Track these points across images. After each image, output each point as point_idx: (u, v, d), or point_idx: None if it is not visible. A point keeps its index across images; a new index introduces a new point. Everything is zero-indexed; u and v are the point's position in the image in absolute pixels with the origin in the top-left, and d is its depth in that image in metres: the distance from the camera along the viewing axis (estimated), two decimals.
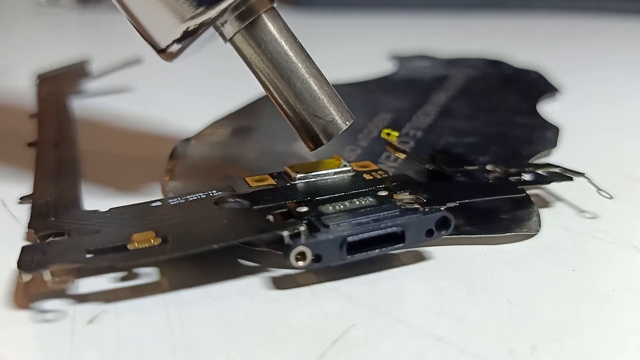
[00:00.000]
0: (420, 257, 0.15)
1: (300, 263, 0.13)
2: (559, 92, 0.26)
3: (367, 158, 0.18)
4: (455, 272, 0.14)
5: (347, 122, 0.16)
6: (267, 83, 0.16)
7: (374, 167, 0.17)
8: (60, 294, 0.13)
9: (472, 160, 0.18)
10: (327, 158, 0.17)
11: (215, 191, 0.15)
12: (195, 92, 0.27)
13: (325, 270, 0.14)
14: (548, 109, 0.24)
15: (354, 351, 0.12)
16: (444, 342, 0.12)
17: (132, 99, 0.26)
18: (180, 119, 0.23)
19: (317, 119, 0.15)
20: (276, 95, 0.16)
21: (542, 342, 0.12)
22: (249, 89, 0.24)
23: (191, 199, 0.15)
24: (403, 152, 0.18)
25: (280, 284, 0.14)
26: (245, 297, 0.13)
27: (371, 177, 0.16)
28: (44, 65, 0.28)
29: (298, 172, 0.16)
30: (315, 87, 0.16)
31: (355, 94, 0.26)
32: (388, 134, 0.19)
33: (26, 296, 0.13)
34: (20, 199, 0.17)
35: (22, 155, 0.20)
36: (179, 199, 0.15)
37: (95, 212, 0.15)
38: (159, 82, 0.28)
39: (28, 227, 0.15)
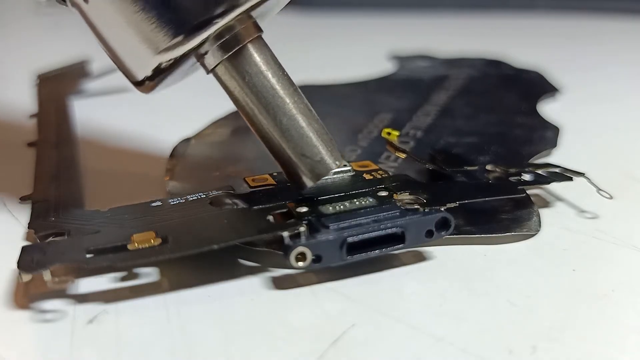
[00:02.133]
0: (420, 257, 0.15)
1: (301, 263, 0.13)
2: (559, 92, 0.26)
3: (367, 158, 0.18)
4: (455, 272, 0.14)
5: (338, 162, 0.15)
6: (252, 118, 0.15)
7: (374, 167, 0.17)
8: (60, 294, 0.13)
9: (472, 160, 0.18)
10: None
11: (215, 191, 0.15)
12: (195, 92, 0.27)
13: (325, 270, 0.14)
14: (548, 109, 0.24)
15: (354, 351, 0.12)
16: (444, 342, 0.12)
17: (132, 99, 0.26)
18: (180, 119, 0.23)
19: (305, 158, 0.14)
20: (261, 132, 0.15)
21: (542, 342, 0.12)
22: None
23: (191, 199, 0.15)
24: (403, 151, 0.18)
25: (280, 284, 0.14)
26: (245, 297, 0.13)
27: (371, 177, 0.16)
28: (44, 65, 0.28)
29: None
30: (304, 124, 0.14)
31: (355, 94, 0.26)
32: (389, 134, 0.19)
33: (26, 296, 0.13)
34: (20, 199, 0.17)
35: (22, 155, 0.20)
36: (179, 199, 0.15)
37: (95, 212, 0.15)
38: None
39: (28, 227, 0.15)
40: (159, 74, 0.14)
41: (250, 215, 0.14)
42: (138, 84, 0.15)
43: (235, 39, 0.14)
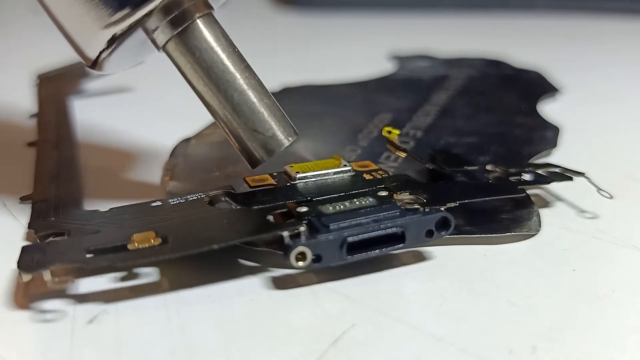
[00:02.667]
0: (420, 257, 0.15)
1: (301, 263, 0.13)
2: (559, 92, 0.26)
3: (367, 158, 0.18)
4: (455, 272, 0.14)
5: (290, 138, 0.15)
6: (203, 95, 0.15)
7: (374, 167, 0.17)
8: (60, 294, 0.13)
9: (472, 160, 0.18)
10: (327, 158, 0.17)
11: (215, 191, 0.15)
12: None
13: (325, 270, 0.14)
14: (548, 109, 0.24)
15: (354, 351, 0.12)
16: (444, 342, 0.12)
17: (132, 99, 0.26)
18: (180, 119, 0.23)
19: (257, 134, 0.14)
20: (213, 109, 0.15)
21: (542, 342, 0.12)
22: None
23: (191, 199, 0.15)
24: (404, 150, 0.18)
25: (280, 284, 0.14)
26: (245, 297, 0.13)
27: (371, 177, 0.16)
28: (44, 65, 0.28)
29: (298, 172, 0.16)
30: (255, 100, 0.14)
31: (355, 94, 0.26)
32: (389, 132, 0.19)
33: (26, 296, 0.13)
34: (20, 199, 0.17)
35: (22, 155, 0.20)
36: (179, 199, 0.15)
37: (95, 212, 0.15)
38: (159, 82, 0.28)
39: (28, 227, 0.15)
40: (111, 45, 0.14)
41: (250, 215, 0.14)
42: (92, 65, 0.15)
43: (184, 15, 0.14)
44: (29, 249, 0.13)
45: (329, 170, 0.16)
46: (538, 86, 0.26)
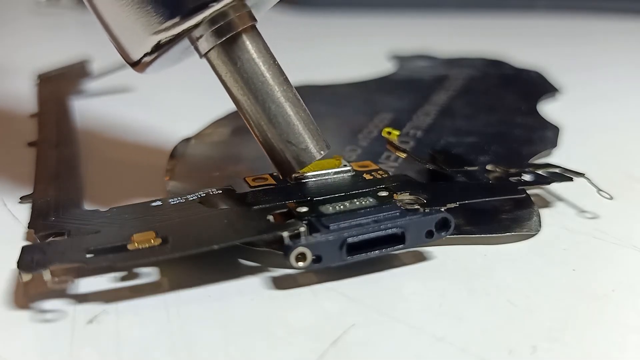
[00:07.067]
0: (420, 257, 0.15)
1: (301, 264, 0.13)
2: (559, 92, 0.26)
3: (368, 158, 0.18)
4: (455, 272, 0.14)
5: (322, 152, 0.15)
6: (241, 104, 0.15)
7: (374, 167, 0.17)
8: (60, 294, 0.13)
9: (472, 160, 0.18)
10: (327, 158, 0.17)
11: (215, 191, 0.15)
12: (196, 92, 0.27)
13: (325, 270, 0.14)
14: (548, 109, 0.24)
15: (354, 351, 0.12)
16: (444, 342, 0.12)
17: (132, 99, 0.26)
18: (180, 119, 0.23)
19: (290, 145, 0.15)
20: (249, 118, 0.15)
21: (542, 342, 0.12)
22: None
23: (191, 198, 0.15)
24: (404, 151, 0.18)
25: (280, 284, 0.14)
26: (245, 297, 0.13)
27: (371, 177, 0.16)
28: (44, 65, 0.28)
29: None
30: (291, 112, 0.15)
31: (355, 94, 0.26)
32: (389, 133, 0.19)
33: (26, 296, 0.13)
34: (20, 199, 0.17)
35: (22, 155, 0.20)
36: (179, 199, 0.15)
37: (95, 212, 0.15)
38: (159, 82, 0.28)
39: (28, 227, 0.15)
40: (157, 50, 0.15)
41: (250, 215, 0.14)
42: (134, 64, 0.15)
43: (229, 25, 0.15)
44: (29, 249, 0.13)
45: (329, 170, 0.16)
46: (538, 86, 0.26)
